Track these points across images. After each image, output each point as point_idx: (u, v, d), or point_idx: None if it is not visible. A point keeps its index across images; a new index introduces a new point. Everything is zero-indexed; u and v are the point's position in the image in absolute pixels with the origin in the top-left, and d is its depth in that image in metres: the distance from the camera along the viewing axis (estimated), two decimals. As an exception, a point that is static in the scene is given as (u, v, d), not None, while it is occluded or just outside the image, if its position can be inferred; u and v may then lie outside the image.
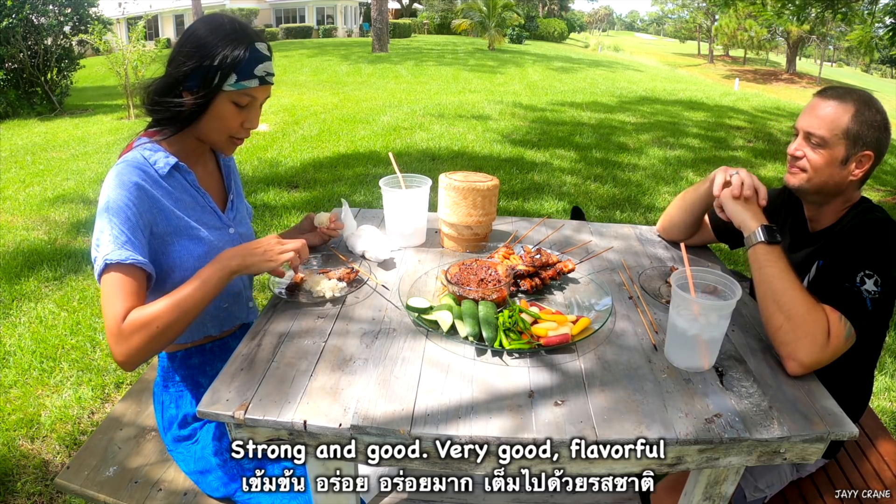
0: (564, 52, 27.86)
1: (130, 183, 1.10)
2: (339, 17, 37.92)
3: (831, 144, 1.18)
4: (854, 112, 1.16)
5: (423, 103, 8.87)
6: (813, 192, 1.25)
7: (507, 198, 4.54)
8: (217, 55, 1.10)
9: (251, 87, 1.15)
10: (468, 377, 1.02)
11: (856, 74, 46.91)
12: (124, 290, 1.06)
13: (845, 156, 1.19)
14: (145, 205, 1.11)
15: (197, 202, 1.23)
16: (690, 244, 1.58)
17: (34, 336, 2.59)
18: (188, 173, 1.21)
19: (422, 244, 1.57)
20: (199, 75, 1.11)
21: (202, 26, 1.14)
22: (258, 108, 1.21)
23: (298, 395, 0.95)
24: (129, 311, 1.05)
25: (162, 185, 1.16)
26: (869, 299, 1.08)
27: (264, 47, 1.17)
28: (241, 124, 1.19)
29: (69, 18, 8.92)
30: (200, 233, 1.21)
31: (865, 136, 1.17)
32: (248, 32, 1.15)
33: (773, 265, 1.13)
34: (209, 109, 1.14)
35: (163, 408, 1.29)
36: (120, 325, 1.04)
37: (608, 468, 0.94)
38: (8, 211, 4.23)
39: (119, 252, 1.06)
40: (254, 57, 1.13)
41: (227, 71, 1.11)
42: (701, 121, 8.29)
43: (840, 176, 1.21)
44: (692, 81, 17.79)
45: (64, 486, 1.27)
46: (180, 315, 1.07)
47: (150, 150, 1.17)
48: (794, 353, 1.05)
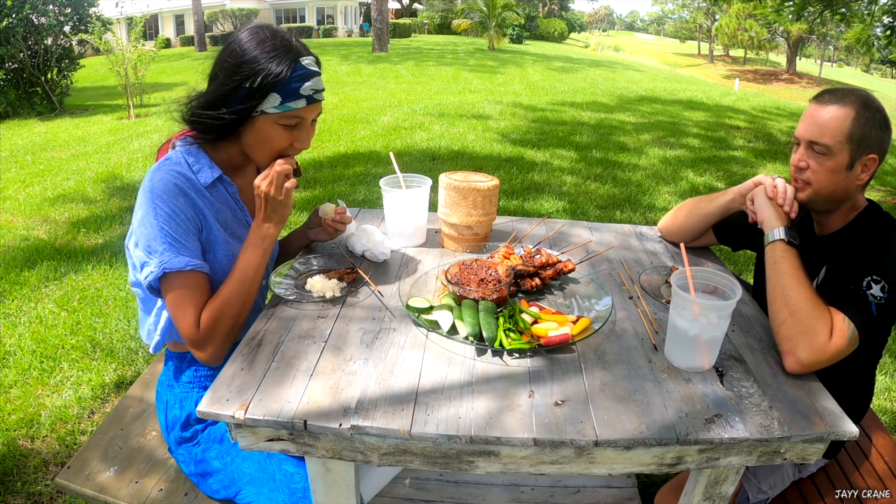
0: (564, 52, 27.86)
1: (176, 189, 1.08)
2: (340, 17, 37.92)
3: (835, 151, 1.14)
4: (856, 114, 1.13)
5: (423, 103, 8.87)
6: (821, 202, 1.23)
7: (507, 198, 4.54)
8: (259, 75, 1.04)
9: (298, 108, 1.09)
10: (468, 377, 1.02)
11: (856, 74, 46.89)
12: (193, 296, 1.08)
13: (850, 161, 1.15)
14: (191, 210, 1.10)
15: (235, 215, 1.22)
16: (691, 246, 1.58)
17: (34, 336, 2.59)
18: (230, 185, 1.19)
19: (422, 244, 1.57)
20: (241, 97, 1.06)
21: (244, 41, 1.08)
22: (309, 127, 1.15)
23: (298, 396, 0.95)
24: (201, 314, 1.08)
25: (204, 194, 1.14)
26: (874, 304, 1.07)
27: (311, 62, 1.11)
28: (290, 144, 1.14)
29: (69, 18, 8.92)
30: (234, 248, 1.18)
31: (869, 137, 1.14)
32: (293, 47, 1.09)
33: (787, 262, 1.14)
34: (254, 130, 1.10)
35: (166, 408, 1.29)
36: (197, 332, 1.08)
37: (608, 468, 0.94)
38: (8, 211, 4.23)
39: (178, 259, 1.06)
40: (299, 75, 1.07)
41: (269, 92, 1.05)
42: (701, 121, 8.28)
43: (846, 182, 1.17)
44: (692, 81, 17.79)
45: (64, 486, 1.27)
46: (245, 290, 1.10)
47: (195, 157, 1.14)
48: (793, 348, 1.05)
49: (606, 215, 4.29)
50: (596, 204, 4.51)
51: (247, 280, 1.12)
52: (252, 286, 1.13)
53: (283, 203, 1.14)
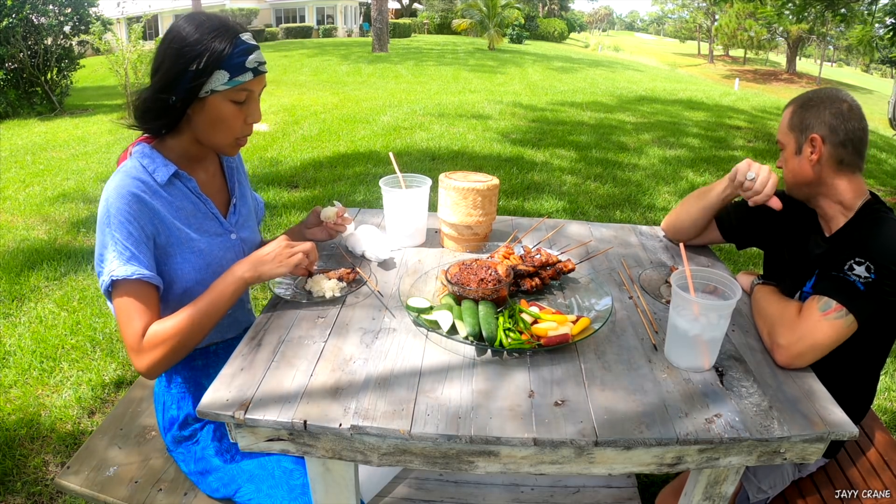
0: (564, 52, 27.86)
1: (129, 195, 1.08)
2: (339, 17, 37.92)
3: (785, 143, 1.30)
4: (794, 108, 1.28)
5: (423, 103, 8.87)
6: (796, 190, 1.32)
7: (507, 198, 4.54)
8: (203, 55, 1.05)
9: (246, 81, 1.11)
10: (468, 377, 1.02)
11: (856, 74, 46.91)
12: (139, 306, 1.08)
13: (797, 146, 1.27)
14: (146, 217, 1.10)
15: (198, 209, 1.21)
16: (695, 243, 1.58)
17: (34, 336, 2.60)
18: (189, 180, 1.19)
19: (422, 244, 1.57)
20: (188, 79, 1.06)
21: (184, 27, 1.09)
22: (257, 101, 1.17)
23: (298, 395, 0.95)
24: (148, 327, 1.08)
25: (161, 194, 1.14)
26: (860, 282, 1.09)
27: (249, 37, 1.13)
28: (244, 121, 1.15)
29: (69, 18, 8.90)
30: (200, 244, 1.19)
31: (807, 121, 1.24)
32: (231, 25, 1.10)
33: (762, 293, 1.27)
34: (205, 112, 1.11)
35: (164, 408, 1.29)
36: (140, 342, 1.07)
37: (608, 468, 0.94)
38: (8, 211, 4.23)
39: (125, 268, 1.06)
40: (241, 49, 1.09)
41: (216, 69, 1.06)
42: (701, 121, 8.28)
43: (801, 165, 1.26)
44: (692, 81, 17.79)
45: (64, 486, 1.27)
46: (198, 329, 1.10)
47: (149, 158, 1.14)
48: (773, 339, 1.11)
49: (606, 215, 4.29)
50: (596, 204, 4.51)
51: (207, 313, 1.10)
52: (209, 321, 1.11)
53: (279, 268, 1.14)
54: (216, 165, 1.31)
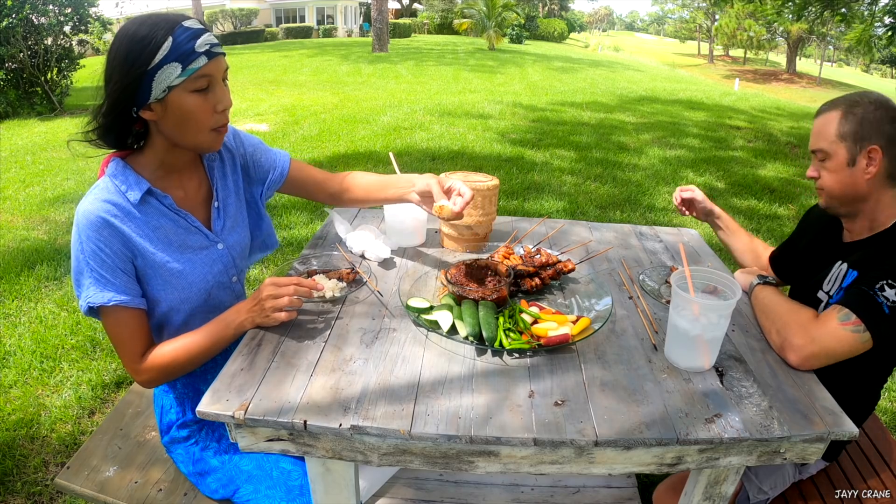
0: (564, 52, 27.86)
1: (99, 221, 1.04)
2: (339, 17, 37.92)
3: (832, 153, 1.19)
4: (842, 114, 1.17)
5: (423, 103, 8.87)
6: (839, 205, 1.24)
7: (507, 198, 4.54)
8: (153, 54, 0.99)
9: (201, 67, 1.03)
10: (468, 377, 1.02)
11: (856, 74, 46.92)
12: (127, 331, 1.10)
13: (849, 157, 1.17)
14: (118, 242, 1.06)
15: (178, 225, 1.15)
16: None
17: (34, 336, 2.59)
18: (164, 197, 1.12)
19: (422, 244, 1.57)
20: (146, 85, 1.01)
21: (126, 31, 1.03)
22: (222, 85, 1.09)
23: (298, 395, 0.95)
24: (141, 349, 1.11)
25: (135, 215, 1.08)
26: (886, 305, 1.05)
27: (193, 22, 1.06)
28: (213, 110, 1.07)
29: (69, 18, 8.90)
30: (175, 266, 1.13)
31: (864, 130, 1.15)
32: (171, 16, 1.04)
33: (765, 293, 1.25)
34: (170, 112, 1.04)
35: (162, 411, 1.29)
36: (136, 364, 1.11)
37: (608, 468, 0.94)
38: (8, 211, 4.23)
39: (101, 295, 1.05)
40: (187, 35, 1.01)
41: (166, 63, 1.00)
42: (701, 121, 8.28)
43: (853, 179, 1.18)
44: (692, 81, 17.78)
45: (64, 486, 1.27)
46: (194, 361, 1.13)
47: (122, 176, 1.08)
48: (785, 338, 1.09)
49: (606, 215, 4.28)
50: (596, 204, 4.51)
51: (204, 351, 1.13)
52: (206, 357, 1.14)
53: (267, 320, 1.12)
54: (201, 172, 1.23)
